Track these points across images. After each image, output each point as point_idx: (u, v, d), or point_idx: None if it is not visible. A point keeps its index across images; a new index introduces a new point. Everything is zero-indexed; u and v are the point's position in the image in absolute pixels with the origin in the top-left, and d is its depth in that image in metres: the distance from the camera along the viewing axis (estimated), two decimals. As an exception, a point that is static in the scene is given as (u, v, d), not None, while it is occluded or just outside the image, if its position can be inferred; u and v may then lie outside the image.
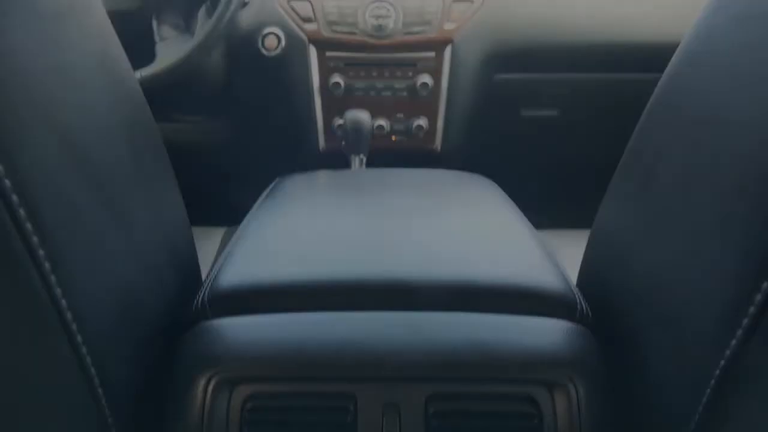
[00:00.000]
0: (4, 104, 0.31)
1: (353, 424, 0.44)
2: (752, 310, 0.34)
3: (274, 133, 1.33)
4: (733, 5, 0.43)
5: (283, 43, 1.20)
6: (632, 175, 0.53)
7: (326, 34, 1.19)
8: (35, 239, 0.32)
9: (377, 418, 0.44)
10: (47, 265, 0.33)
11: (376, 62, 1.22)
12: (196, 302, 0.51)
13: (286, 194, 0.72)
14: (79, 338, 0.36)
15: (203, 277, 0.59)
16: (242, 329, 0.46)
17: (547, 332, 0.47)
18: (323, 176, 0.81)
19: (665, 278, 0.43)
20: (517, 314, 0.48)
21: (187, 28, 1.06)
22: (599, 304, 0.54)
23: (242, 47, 1.21)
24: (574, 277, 0.80)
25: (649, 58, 1.25)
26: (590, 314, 0.52)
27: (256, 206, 0.70)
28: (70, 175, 0.37)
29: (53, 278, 0.34)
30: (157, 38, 1.02)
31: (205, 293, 0.51)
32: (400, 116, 1.25)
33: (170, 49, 1.00)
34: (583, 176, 1.51)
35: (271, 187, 0.77)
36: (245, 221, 0.65)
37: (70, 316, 0.35)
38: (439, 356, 0.44)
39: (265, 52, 1.20)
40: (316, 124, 1.26)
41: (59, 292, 0.34)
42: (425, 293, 0.49)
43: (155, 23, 1.02)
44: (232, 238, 0.61)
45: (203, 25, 1.15)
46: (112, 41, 0.50)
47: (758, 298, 0.34)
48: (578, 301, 0.52)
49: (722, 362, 0.36)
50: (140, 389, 0.45)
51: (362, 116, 1.08)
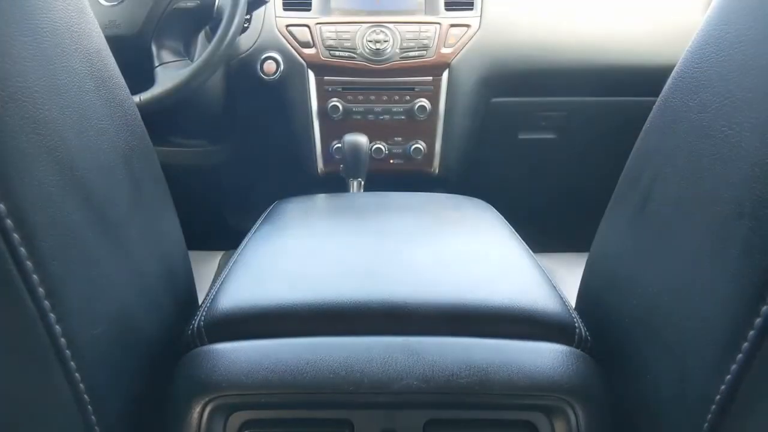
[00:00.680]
0: (0, 128, 0.31)
1: None
2: (752, 334, 0.34)
3: (273, 155, 1.33)
4: (724, 33, 0.43)
5: (282, 67, 1.21)
6: (629, 199, 0.53)
7: (324, 58, 1.21)
8: (29, 264, 0.32)
9: None
10: (41, 290, 0.33)
11: (374, 86, 1.23)
12: (192, 327, 0.50)
13: (283, 217, 0.72)
14: (72, 364, 0.36)
15: (200, 301, 0.59)
16: (238, 355, 0.46)
17: (545, 357, 0.46)
18: (320, 200, 0.81)
19: (664, 303, 0.43)
20: (515, 339, 0.48)
21: (186, 52, 1.07)
22: (598, 328, 0.54)
23: (241, 71, 1.22)
24: (573, 300, 0.79)
25: (644, 82, 1.26)
26: (589, 339, 0.52)
27: (253, 230, 0.70)
28: (66, 199, 0.37)
29: (47, 303, 0.34)
30: (156, 62, 1.02)
31: (201, 318, 0.50)
32: (398, 139, 1.26)
33: (169, 73, 1.01)
34: (580, 199, 1.52)
35: (269, 210, 0.77)
36: (242, 245, 0.65)
37: (64, 341, 0.35)
38: (436, 382, 0.44)
39: (264, 76, 1.21)
40: (314, 147, 1.26)
41: (53, 318, 0.34)
42: (423, 318, 0.48)
43: (154, 48, 1.03)
44: (229, 261, 0.61)
45: (202, 50, 1.16)
46: (110, 65, 0.51)
47: (758, 322, 0.33)
48: (577, 325, 0.52)
49: (723, 387, 0.35)
50: (136, 415, 0.44)
51: (360, 140, 1.09)
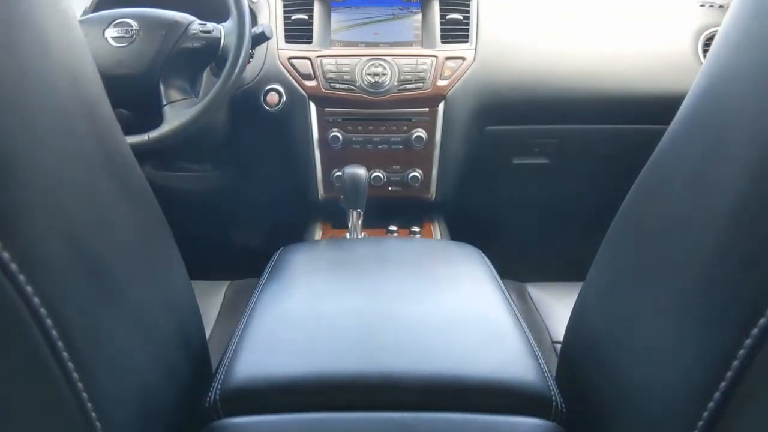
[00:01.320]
0: (15, 206, 0.32)
1: None
2: (712, 406, 0.36)
3: (275, 182, 1.38)
4: (710, 88, 0.46)
5: (284, 98, 1.25)
6: (609, 265, 0.57)
7: (325, 90, 1.25)
8: (61, 345, 0.35)
9: None
10: (75, 375, 0.36)
11: (372, 117, 1.27)
12: (208, 399, 0.55)
13: (288, 272, 0.76)
14: None
15: (214, 364, 0.63)
16: (251, 430, 0.50)
17: None
18: (322, 251, 0.85)
19: (637, 375, 0.46)
20: (495, 413, 0.52)
21: (192, 90, 1.12)
22: (576, 399, 0.57)
23: (245, 102, 1.26)
24: (560, 330, 0.84)
25: (633, 110, 1.32)
26: (565, 411, 0.55)
27: (260, 284, 0.74)
28: (78, 273, 0.38)
29: (80, 385, 0.37)
30: (164, 101, 1.07)
31: (216, 391, 0.55)
32: (396, 168, 1.31)
33: (177, 112, 1.05)
34: (573, 224, 1.57)
35: (275, 259, 0.81)
36: (251, 304, 0.69)
37: (94, 415, 0.39)
38: None
39: (267, 107, 1.26)
40: (315, 174, 1.31)
41: (85, 396, 0.37)
42: (413, 393, 0.53)
43: (162, 87, 1.07)
44: (240, 324, 0.65)
45: (207, 85, 1.21)
46: (105, 111, 0.51)
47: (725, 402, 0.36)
48: (554, 398, 0.56)
49: None
50: None
51: (359, 173, 1.13)
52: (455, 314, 0.65)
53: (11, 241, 0.31)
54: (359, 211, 1.16)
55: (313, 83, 1.25)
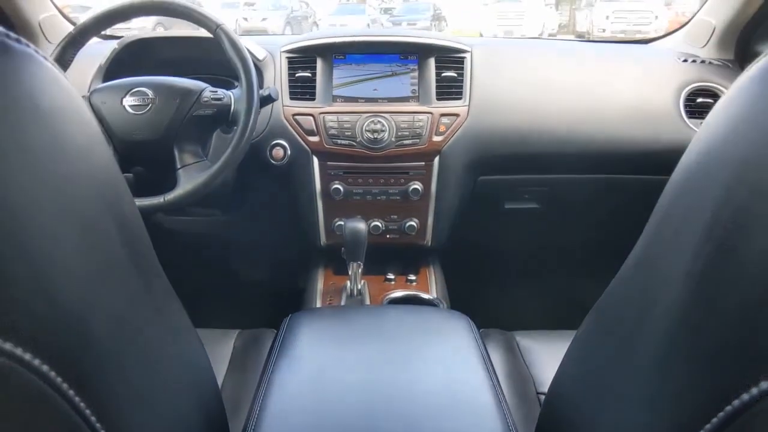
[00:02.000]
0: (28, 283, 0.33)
1: None
2: None
3: (280, 229, 1.46)
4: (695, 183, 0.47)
5: (289, 153, 1.33)
6: (590, 334, 0.62)
7: (328, 146, 1.33)
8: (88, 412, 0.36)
9: None
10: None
11: (372, 171, 1.36)
12: None
13: (297, 348, 0.83)
14: None
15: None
16: None
17: None
18: (327, 322, 0.92)
19: None
20: None
21: (204, 152, 1.20)
22: None
23: (252, 155, 1.34)
24: (544, 379, 0.90)
25: (620, 160, 1.40)
26: None
27: (272, 357, 0.81)
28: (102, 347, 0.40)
29: None
30: (178, 164, 1.15)
31: None
32: (394, 217, 1.39)
33: (191, 175, 1.13)
34: (561, 268, 1.65)
35: (284, 328, 0.89)
36: (263, 379, 0.77)
37: None
38: None
39: (273, 161, 1.34)
40: (318, 223, 1.40)
41: None
42: None
43: (176, 151, 1.15)
44: (255, 400, 0.73)
45: (217, 144, 1.29)
46: (117, 180, 0.51)
47: None
48: None
49: None
50: None
51: (359, 227, 1.21)
52: (440, 390, 0.73)
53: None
54: (359, 263, 1.24)
55: (316, 139, 1.33)
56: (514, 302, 1.62)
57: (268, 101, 1.21)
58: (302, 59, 1.39)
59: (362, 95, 1.37)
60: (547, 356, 1.04)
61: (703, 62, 1.44)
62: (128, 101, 1.14)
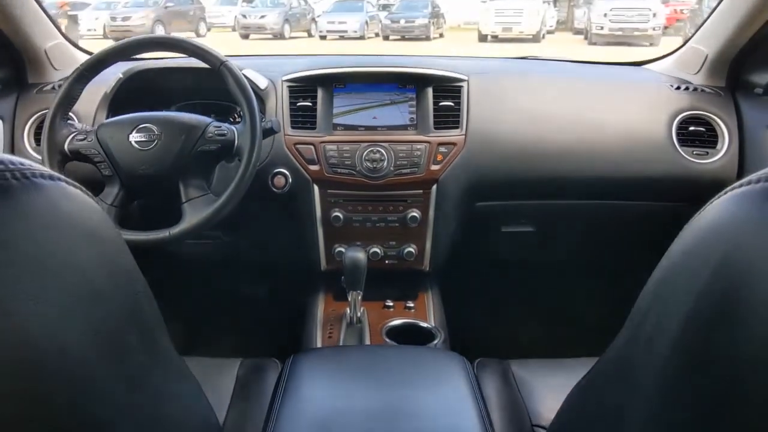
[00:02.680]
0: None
1: None
2: None
3: (281, 255, 1.50)
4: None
5: (290, 181, 1.37)
6: (596, 384, 0.65)
7: (328, 175, 1.37)
8: None
9: None
10: None
11: (371, 199, 1.39)
12: None
13: (300, 391, 0.87)
14: None
15: None
16: None
17: None
18: (328, 363, 0.96)
19: None
20: None
21: (208, 186, 1.23)
22: None
23: (254, 184, 1.37)
24: (540, 411, 0.94)
25: (611, 187, 1.43)
26: None
27: (275, 405, 0.85)
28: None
29: None
30: (183, 198, 1.18)
31: None
32: (392, 243, 1.43)
33: (196, 209, 1.16)
34: (556, 293, 1.69)
35: (287, 369, 0.93)
36: (268, 424, 0.81)
37: None
38: None
39: (274, 189, 1.37)
40: (318, 249, 1.43)
41: None
42: None
43: (181, 186, 1.18)
44: None
45: (220, 175, 1.32)
46: (139, 283, 0.53)
47: None
48: None
49: None
50: None
51: (359, 257, 1.25)
52: None
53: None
54: (358, 291, 1.27)
55: (316, 168, 1.37)
56: (510, 325, 1.66)
57: (270, 133, 1.24)
58: (303, 88, 1.42)
59: (362, 123, 1.41)
60: (542, 387, 1.07)
61: (695, 90, 1.47)
62: (135, 137, 1.17)
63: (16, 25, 1.38)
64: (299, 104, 1.41)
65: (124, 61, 1.28)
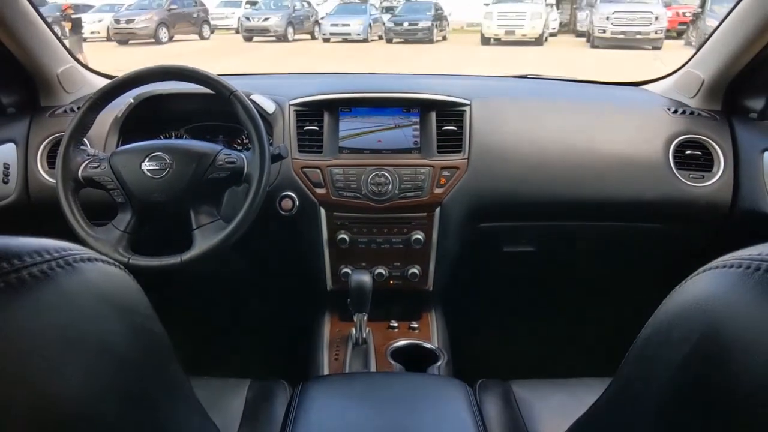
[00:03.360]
0: None
1: None
2: None
3: (288, 275, 1.53)
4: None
5: (297, 204, 1.40)
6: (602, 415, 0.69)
7: (334, 198, 1.40)
8: None
9: None
10: None
11: (376, 221, 1.43)
12: None
13: (310, 419, 0.91)
14: None
15: None
16: None
17: None
18: (336, 391, 1.00)
19: None
20: None
21: (217, 211, 1.27)
22: None
23: (262, 207, 1.41)
24: (544, 429, 0.97)
25: (606, 209, 1.46)
26: None
27: (289, 424, 0.89)
28: None
29: None
30: (194, 225, 1.21)
31: None
32: (396, 264, 1.46)
33: (206, 235, 1.20)
34: (556, 312, 1.72)
35: (296, 397, 0.96)
36: None
37: None
38: None
39: (281, 211, 1.41)
40: (325, 270, 1.47)
41: None
42: None
43: (192, 213, 1.22)
44: None
45: (230, 200, 1.36)
46: (152, 319, 0.55)
47: None
48: None
49: None
50: None
51: (364, 280, 1.28)
52: None
53: None
54: (364, 314, 1.31)
55: (323, 191, 1.40)
56: (512, 345, 1.69)
57: (278, 159, 1.28)
58: (310, 112, 1.45)
59: (367, 146, 1.44)
60: (543, 407, 1.10)
61: (692, 113, 1.50)
62: (147, 165, 1.20)
63: (29, 51, 1.42)
64: (306, 128, 1.44)
65: (138, 86, 1.32)
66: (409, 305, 1.50)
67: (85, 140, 1.32)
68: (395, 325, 1.44)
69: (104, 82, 1.71)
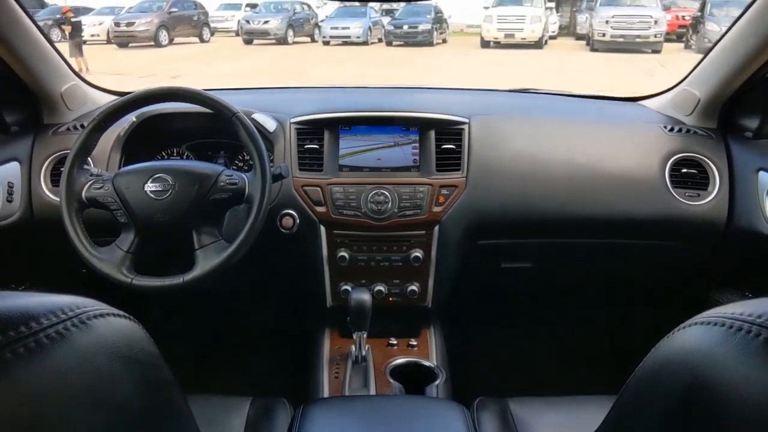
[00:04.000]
0: None
1: None
2: None
3: (289, 292, 1.55)
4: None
5: (297, 222, 1.42)
6: None
7: (334, 216, 1.42)
8: None
9: None
10: None
11: (375, 239, 1.44)
12: None
13: None
14: None
15: None
16: None
17: None
18: (337, 414, 1.01)
19: None
20: None
21: (219, 231, 1.28)
22: None
23: (263, 225, 1.43)
24: None
25: (603, 227, 1.48)
26: None
27: None
28: None
29: None
30: (196, 245, 1.23)
31: None
32: (396, 282, 1.48)
33: (208, 255, 1.21)
34: (553, 331, 1.74)
35: (297, 419, 0.98)
36: None
37: None
38: None
39: (282, 229, 1.42)
40: (325, 287, 1.48)
41: None
42: None
43: (194, 233, 1.23)
44: None
45: (231, 219, 1.37)
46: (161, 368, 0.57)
47: None
48: None
49: None
50: None
51: (364, 299, 1.30)
52: None
53: None
54: (363, 333, 1.33)
55: (323, 209, 1.42)
56: (510, 362, 1.71)
57: (279, 178, 1.29)
58: (310, 130, 1.47)
59: (367, 164, 1.46)
60: (540, 426, 1.12)
61: (688, 131, 1.52)
62: (150, 187, 1.22)
63: (33, 71, 1.44)
64: (306, 146, 1.46)
65: (141, 108, 1.34)
66: (408, 322, 1.52)
67: (88, 159, 1.34)
68: (394, 342, 1.45)
69: (107, 97, 1.74)
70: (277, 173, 1.28)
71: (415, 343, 1.45)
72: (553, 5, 16.05)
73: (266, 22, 14.69)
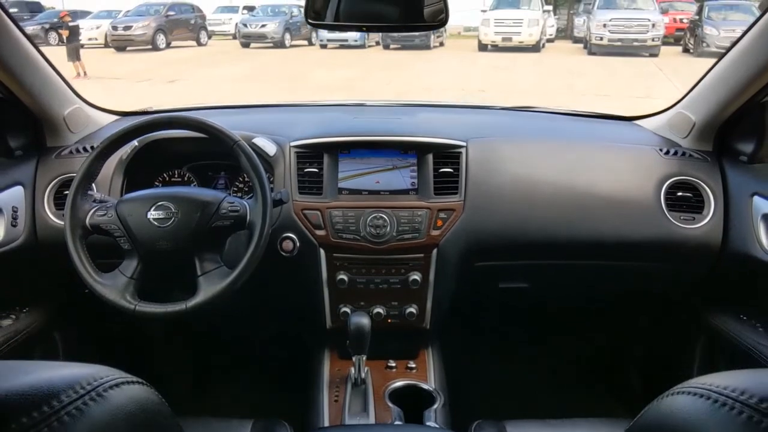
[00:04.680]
0: None
1: None
2: None
3: (289, 314, 1.57)
4: None
5: (297, 245, 1.44)
6: None
7: (334, 239, 1.43)
8: None
9: None
10: None
11: (374, 262, 1.46)
12: None
13: None
14: None
15: None
16: None
17: None
18: None
19: None
20: None
21: (221, 257, 1.30)
22: None
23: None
24: None
25: (599, 249, 1.50)
26: None
27: None
28: None
29: None
30: (198, 272, 1.25)
31: None
32: (394, 304, 1.49)
33: (210, 281, 1.23)
34: (549, 343, 1.75)
35: None
36: None
37: None
38: None
39: (282, 252, 1.44)
40: (324, 309, 1.50)
41: None
42: None
43: (197, 260, 1.25)
44: None
45: (233, 244, 1.39)
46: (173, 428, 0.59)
47: None
48: None
49: None
50: None
51: (363, 323, 1.31)
52: None
53: None
54: (363, 357, 1.34)
55: (322, 233, 1.44)
56: (507, 382, 1.73)
57: (279, 204, 1.31)
58: (310, 154, 1.49)
59: (365, 187, 1.47)
60: None
61: (683, 154, 1.54)
62: (153, 214, 1.24)
63: (36, 97, 1.45)
64: (306, 170, 1.47)
65: (144, 135, 1.36)
66: (406, 343, 1.54)
67: (92, 184, 1.35)
68: (393, 365, 1.47)
69: (108, 117, 1.75)
70: (277, 198, 1.30)
71: (413, 365, 1.47)
72: (550, 8, 16.08)
73: (263, 25, 14.72)
